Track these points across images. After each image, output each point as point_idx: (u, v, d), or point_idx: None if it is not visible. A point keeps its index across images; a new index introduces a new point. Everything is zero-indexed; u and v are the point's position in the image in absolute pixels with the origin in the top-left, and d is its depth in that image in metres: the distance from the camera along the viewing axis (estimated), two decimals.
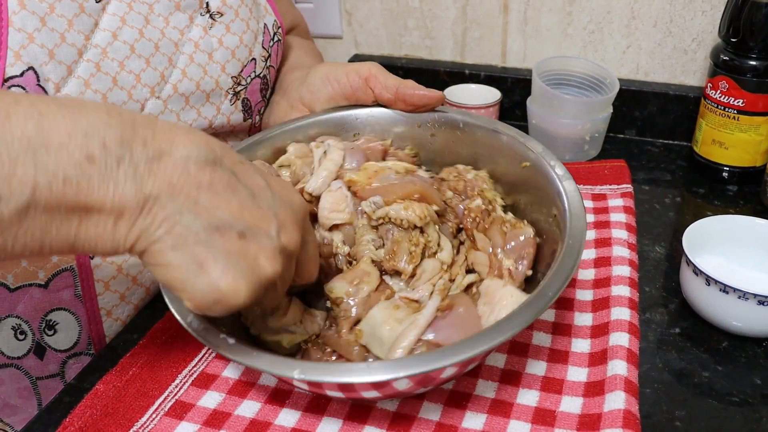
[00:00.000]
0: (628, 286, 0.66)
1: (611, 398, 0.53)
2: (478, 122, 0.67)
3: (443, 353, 0.45)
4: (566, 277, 0.49)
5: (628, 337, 0.59)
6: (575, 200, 0.56)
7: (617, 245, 0.73)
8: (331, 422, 0.55)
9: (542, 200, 0.60)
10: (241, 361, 0.47)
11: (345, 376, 0.46)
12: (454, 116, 0.69)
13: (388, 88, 0.68)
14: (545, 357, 0.60)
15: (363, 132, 0.71)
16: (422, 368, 0.45)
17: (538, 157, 0.61)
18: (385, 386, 0.48)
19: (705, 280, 0.61)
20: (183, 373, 0.60)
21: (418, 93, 0.67)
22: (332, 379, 0.46)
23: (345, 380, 0.46)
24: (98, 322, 0.66)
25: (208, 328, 0.49)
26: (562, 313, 0.65)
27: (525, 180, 0.63)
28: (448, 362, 0.45)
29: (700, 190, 0.88)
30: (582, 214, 0.55)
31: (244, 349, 0.48)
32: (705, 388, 0.58)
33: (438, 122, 0.69)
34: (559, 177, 0.59)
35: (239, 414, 0.56)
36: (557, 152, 0.93)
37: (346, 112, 0.71)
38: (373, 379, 0.45)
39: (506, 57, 1.06)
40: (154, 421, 0.56)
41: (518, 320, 0.47)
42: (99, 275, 0.65)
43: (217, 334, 0.49)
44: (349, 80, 0.69)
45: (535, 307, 0.47)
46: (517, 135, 0.64)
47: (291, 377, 0.45)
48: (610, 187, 0.85)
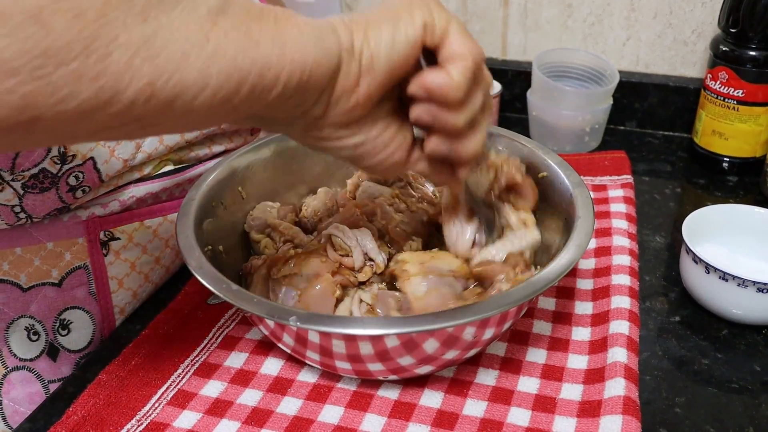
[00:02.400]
0: (628, 275, 0.66)
1: (611, 385, 0.54)
2: (502, 134, 0.68)
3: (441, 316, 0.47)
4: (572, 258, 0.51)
5: (628, 325, 0.59)
6: (587, 205, 0.57)
7: (617, 235, 0.73)
8: (333, 410, 0.55)
9: (555, 208, 0.61)
10: (242, 306, 0.49)
11: (344, 327, 0.47)
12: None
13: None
14: (545, 345, 0.60)
15: None
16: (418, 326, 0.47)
17: (556, 168, 0.63)
18: (379, 342, 0.50)
19: (705, 268, 0.61)
20: (185, 363, 0.61)
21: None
22: (329, 329, 0.47)
23: (343, 331, 0.47)
24: (111, 320, 0.67)
25: (214, 275, 0.52)
26: (563, 302, 0.65)
27: (541, 189, 0.63)
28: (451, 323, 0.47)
29: (701, 181, 0.88)
30: (591, 218, 0.56)
31: (246, 295, 0.50)
32: (705, 375, 0.58)
33: None
34: (573, 184, 0.60)
35: (241, 402, 0.57)
36: (557, 144, 0.94)
37: None
38: (366, 332, 0.46)
39: (506, 50, 1.07)
40: (156, 410, 0.56)
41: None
42: (113, 273, 0.65)
43: (222, 281, 0.51)
44: None
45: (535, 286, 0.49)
46: (537, 147, 0.65)
47: (288, 324, 0.47)
48: (611, 178, 0.85)
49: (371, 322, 0.48)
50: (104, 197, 0.63)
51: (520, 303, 0.48)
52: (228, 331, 0.64)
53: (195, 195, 0.61)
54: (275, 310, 0.48)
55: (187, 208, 0.60)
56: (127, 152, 0.62)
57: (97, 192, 0.62)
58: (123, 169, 0.62)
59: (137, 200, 0.65)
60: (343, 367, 0.54)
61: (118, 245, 0.65)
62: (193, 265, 0.53)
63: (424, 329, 0.46)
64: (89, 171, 0.59)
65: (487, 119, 0.49)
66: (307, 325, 0.47)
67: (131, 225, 0.65)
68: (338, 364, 0.53)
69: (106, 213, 0.63)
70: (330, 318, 0.49)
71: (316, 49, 0.40)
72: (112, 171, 0.61)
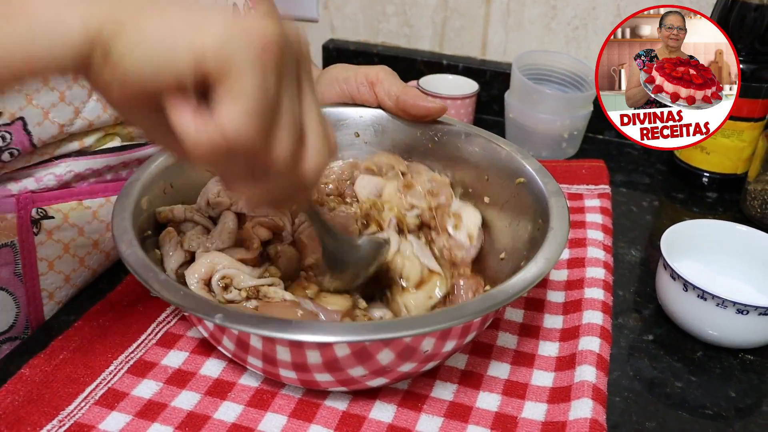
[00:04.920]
0: (602, 288, 0.62)
1: (577, 405, 0.50)
2: (481, 134, 0.64)
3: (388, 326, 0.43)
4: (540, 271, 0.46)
5: (599, 342, 0.55)
6: (562, 216, 0.53)
7: (592, 246, 0.69)
8: (275, 419, 0.50)
9: (531, 215, 0.57)
10: (167, 298, 0.44)
11: (270, 330, 0.42)
12: (457, 128, 0.65)
13: (390, 96, 0.65)
14: (509, 359, 0.56)
15: (363, 133, 0.69)
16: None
17: (533, 174, 0.58)
18: (325, 350, 0.45)
19: (682, 286, 0.58)
20: (119, 359, 0.56)
21: (419, 104, 0.64)
22: (257, 330, 0.42)
23: (270, 334, 0.42)
24: (38, 305, 0.61)
25: (143, 261, 0.47)
26: (531, 314, 0.61)
27: (517, 195, 0.60)
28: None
29: (679, 195, 0.85)
30: (565, 230, 0.51)
31: (174, 287, 0.45)
32: (677, 399, 0.54)
33: (440, 132, 0.66)
34: (549, 193, 0.55)
35: (176, 405, 0.52)
36: (534, 148, 0.90)
37: (351, 108, 0.68)
38: (301, 338, 0.41)
39: (486, 49, 1.03)
40: (82, 410, 0.51)
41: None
42: (43, 254, 0.60)
43: (151, 269, 0.46)
44: (356, 82, 0.67)
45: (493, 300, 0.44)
46: (515, 151, 0.61)
47: (213, 321, 0.42)
48: (587, 187, 0.81)
49: (314, 328, 0.43)
50: (38, 168, 0.58)
51: (471, 319, 0.44)
52: (169, 328, 0.59)
53: (140, 175, 0.56)
54: (201, 305, 0.43)
55: (129, 189, 0.55)
56: (64, 116, 0.57)
57: (30, 160, 0.57)
58: (59, 135, 0.57)
59: (76, 176, 0.60)
60: (288, 376, 0.49)
61: (51, 224, 0.60)
62: (122, 249, 0.48)
63: (363, 339, 0.42)
64: (18, 132, 0.54)
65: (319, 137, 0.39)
66: (234, 324, 0.41)
67: (68, 204, 0.60)
68: (282, 373, 0.49)
69: (39, 188, 0.58)
70: (263, 319, 0.43)
71: (45, 37, 0.34)
72: (46, 136, 0.56)
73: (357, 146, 0.69)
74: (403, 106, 0.64)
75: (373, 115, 0.68)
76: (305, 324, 0.42)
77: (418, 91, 0.65)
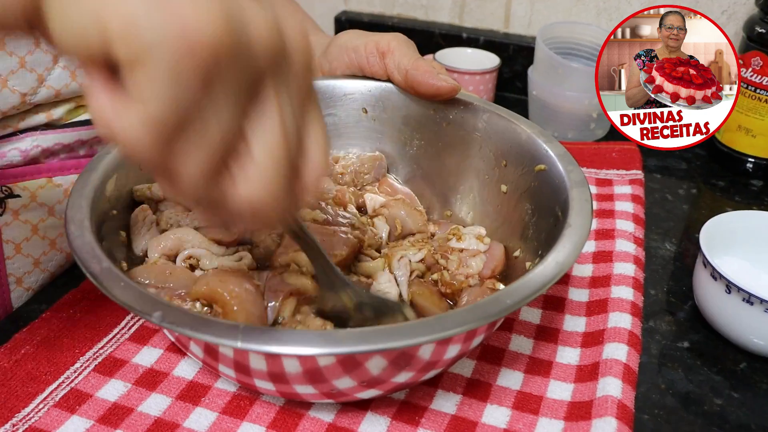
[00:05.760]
0: (631, 287, 0.55)
1: (599, 425, 0.43)
2: (500, 113, 0.56)
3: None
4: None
5: (626, 350, 0.48)
6: (583, 211, 0.45)
7: (621, 238, 0.62)
8: (251, 429, 0.44)
9: (550, 208, 0.50)
10: (103, 290, 0.38)
11: (215, 335, 0.35)
12: (475, 105, 0.58)
13: (400, 69, 0.58)
14: (523, 366, 0.49)
15: (372, 109, 0.62)
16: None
17: (555, 161, 0.51)
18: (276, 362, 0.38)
19: (725, 287, 0.50)
20: (87, 356, 0.51)
21: (428, 81, 0.56)
22: (198, 335, 0.35)
23: (209, 339, 0.35)
24: (5, 291, 0.57)
25: (89, 245, 0.41)
26: (550, 315, 0.54)
27: (537, 183, 0.52)
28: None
29: (720, 183, 0.77)
30: (585, 229, 0.44)
31: (117, 276, 0.39)
32: (716, 418, 0.47)
33: (456, 110, 0.58)
34: (572, 183, 0.48)
35: (143, 411, 0.46)
36: (559, 129, 0.83)
37: (359, 81, 0.61)
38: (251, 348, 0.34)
39: (509, 22, 0.95)
40: (39, 413, 0.46)
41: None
42: (9, 235, 0.55)
43: (94, 255, 0.40)
44: (366, 51, 0.60)
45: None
46: (538, 133, 0.53)
47: (150, 320, 0.35)
48: (618, 172, 0.74)
49: (271, 336, 0.35)
50: (1, 143, 0.53)
51: (440, 337, 0.36)
52: (144, 322, 0.54)
53: (111, 149, 0.51)
54: (141, 299, 0.37)
55: (95, 164, 0.49)
56: (26, 84, 0.51)
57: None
58: (22, 106, 0.52)
59: (44, 151, 0.55)
60: (264, 387, 0.43)
61: (18, 204, 0.55)
62: (70, 230, 0.42)
63: (333, 352, 0.35)
64: None
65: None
66: (174, 325, 0.35)
67: (36, 181, 0.55)
68: (258, 383, 0.42)
69: (3, 164, 0.53)
70: (206, 322, 0.36)
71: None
72: (6, 106, 0.51)
73: (364, 123, 0.63)
74: (412, 83, 0.57)
75: (382, 88, 0.61)
76: (262, 331, 0.35)
77: (430, 66, 0.57)
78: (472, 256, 0.52)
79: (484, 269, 0.52)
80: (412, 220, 0.57)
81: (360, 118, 0.62)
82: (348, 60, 0.61)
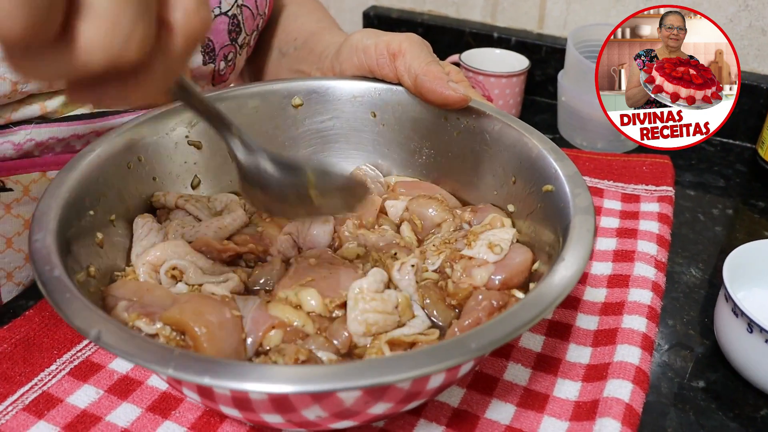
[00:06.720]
0: (645, 317, 0.51)
1: None
2: (514, 126, 0.52)
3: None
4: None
5: (630, 388, 0.44)
6: (581, 241, 0.40)
7: (641, 261, 0.57)
8: None
9: (552, 235, 0.46)
10: (50, 298, 0.36)
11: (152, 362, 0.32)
12: (490, 116, 0.53)
13: (410, 73, 0.54)
14: (516, 399, 0.45)
15: (380, 113, 0.58)
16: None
17: (563, 182, 0.46)
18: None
19: (747, 325, 0.45)
20: (64, 358, 0.50)
21: (436, 89, 0.53)
22: (137, 360, 0.32)
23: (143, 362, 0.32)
24: None
25: (46, 251, 0.39)
26: (553, 343, 0.50)
27: (543, 205, 0.48)
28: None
29: (760, 204, 0.71)
30: (580, 263, 0.39)
31: (65, 286, 0.36)
32: None
33: (469, 119, 0.55)
34: (576, 209, 0.43)
35: (111, 420, 0.45)
36: (588, 139, 0.78)
37: (368, 83, 0.58)
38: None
39: (544, 22, 0.90)
40: (6, 416, 0.45)
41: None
42: (1, 230, 0.54)
43: (48, 261, 0.38)
44: (376, 53, 0.57)
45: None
46: (550, 151, 0.49)
47: (88, 338, 0.33)
48: (646, 188, 0.69)
49: (219, 369, 0.32)
50: None
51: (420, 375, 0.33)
52: None
53: (95, 147, 0.49)
54: (82, 314, 0.34)
55: (74, 163, 0.47)
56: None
57: None
58: (13, 95, 0.51)
59: (38, 145, 0.54)
60: (229, 413, 0.40)
61: (10, 197, 0.54)
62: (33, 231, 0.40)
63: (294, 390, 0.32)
64: None
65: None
66: (108, 347, 0.32)
67: (29, 175, 0.54)
68: (223, 409, 0.39)
69: None
70: (146, 345, 0.33)
71: None
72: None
73: (371, 128, 0.59)
74: (421, 89, 0.54)
75: (393, 92, 0.57)
76: (197, 360, 0.32)
77: (442, 72, 0.53)
78: (477, 266, 0.48)
79: (491, 281, 0.47)
80: (431, 212, 0.53)
81: (367, 122, 0.59)
82: (357, 61, 0.58)
